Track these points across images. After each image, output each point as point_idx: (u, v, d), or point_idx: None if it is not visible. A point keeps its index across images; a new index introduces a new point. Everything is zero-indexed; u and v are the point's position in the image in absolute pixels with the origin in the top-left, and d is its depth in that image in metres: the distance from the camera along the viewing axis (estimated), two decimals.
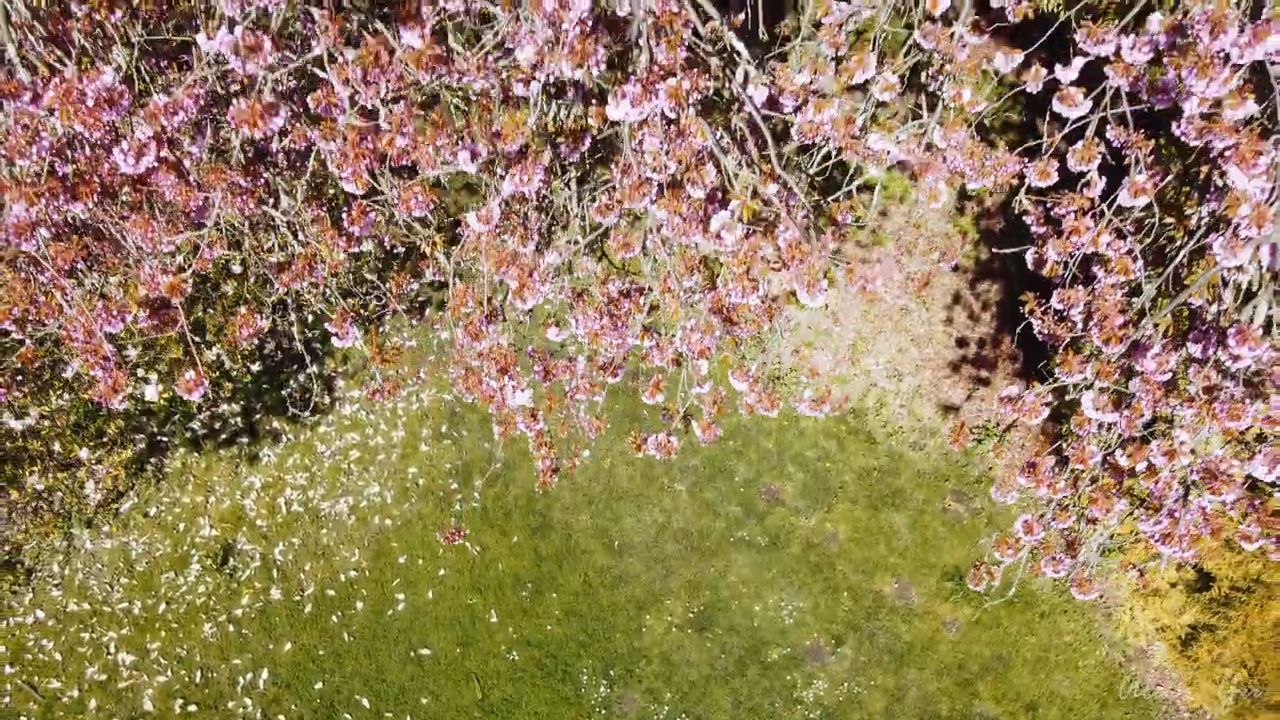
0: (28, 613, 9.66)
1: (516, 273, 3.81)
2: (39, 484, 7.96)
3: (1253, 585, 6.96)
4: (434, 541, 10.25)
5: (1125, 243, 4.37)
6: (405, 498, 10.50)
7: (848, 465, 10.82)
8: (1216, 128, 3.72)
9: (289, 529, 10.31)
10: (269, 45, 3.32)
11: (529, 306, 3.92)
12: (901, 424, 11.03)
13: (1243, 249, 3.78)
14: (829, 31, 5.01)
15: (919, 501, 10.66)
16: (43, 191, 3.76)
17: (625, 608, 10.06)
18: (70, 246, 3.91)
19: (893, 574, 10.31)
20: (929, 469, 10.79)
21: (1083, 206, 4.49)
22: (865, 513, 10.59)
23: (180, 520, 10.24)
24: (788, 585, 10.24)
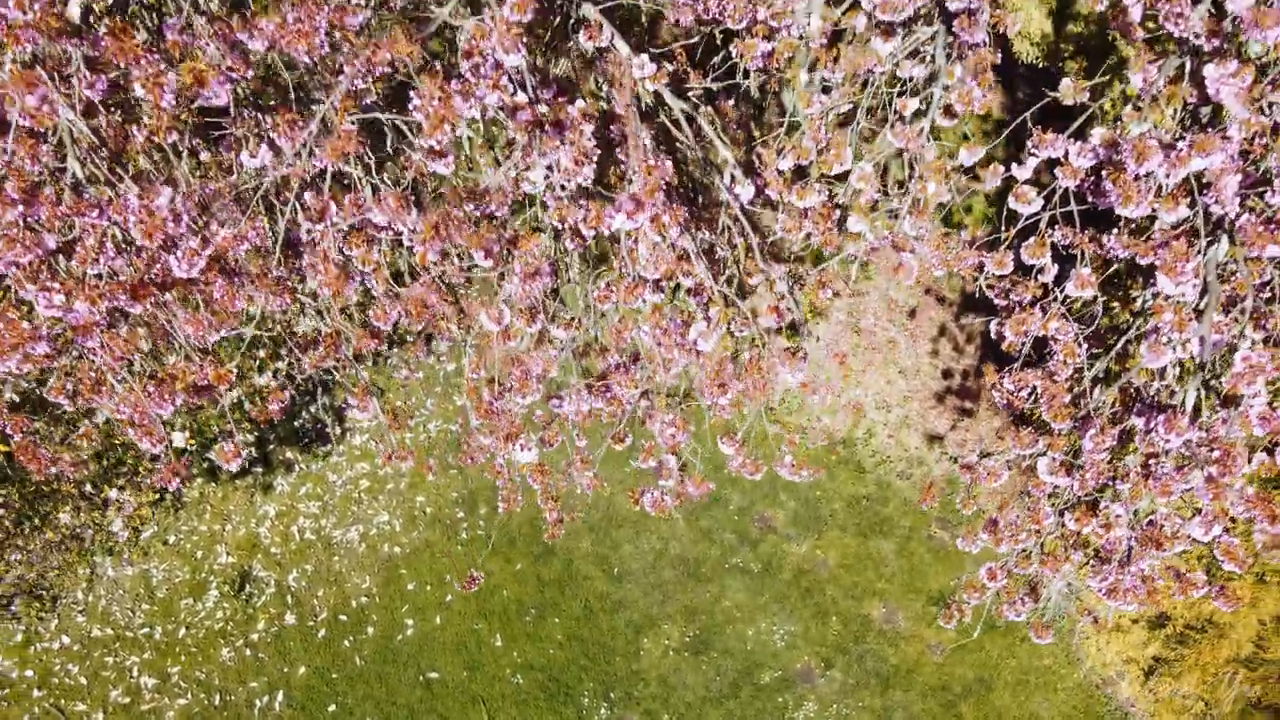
0: (54, 638, 10.13)
1: (519, 376, 4.29)
2: (71, 522, 8.42)
3: (1206, 625, 7.42)
4: (442, 568, 10.72)
5: (1072, 328, 4.85)
6: (413, 526, 10.97)
7: (838, 494, 11.30)
8: (1140, 250, 4.19)
9: (302, 556, 10.78)
10: (334, 208, 3.80)
11: (527, 403, 4.40)
12: (889, 453, 11.50)
13: (1165, 352, 4.25)
14: (810, 124, 5.49)
15: (906, 529, 11.13)
16: (105, 293, 4.25)
17: (624, 632, 10.53)
18: (129, 339, 4.39)
19: (880, 599, 10.78)
20: (915, 498, 11.26)
21: (1034, 295, 4.97)
22: (854, 540, 11.06)
23: (198, 548, 10.71)
24: (780, 610, 10.71)
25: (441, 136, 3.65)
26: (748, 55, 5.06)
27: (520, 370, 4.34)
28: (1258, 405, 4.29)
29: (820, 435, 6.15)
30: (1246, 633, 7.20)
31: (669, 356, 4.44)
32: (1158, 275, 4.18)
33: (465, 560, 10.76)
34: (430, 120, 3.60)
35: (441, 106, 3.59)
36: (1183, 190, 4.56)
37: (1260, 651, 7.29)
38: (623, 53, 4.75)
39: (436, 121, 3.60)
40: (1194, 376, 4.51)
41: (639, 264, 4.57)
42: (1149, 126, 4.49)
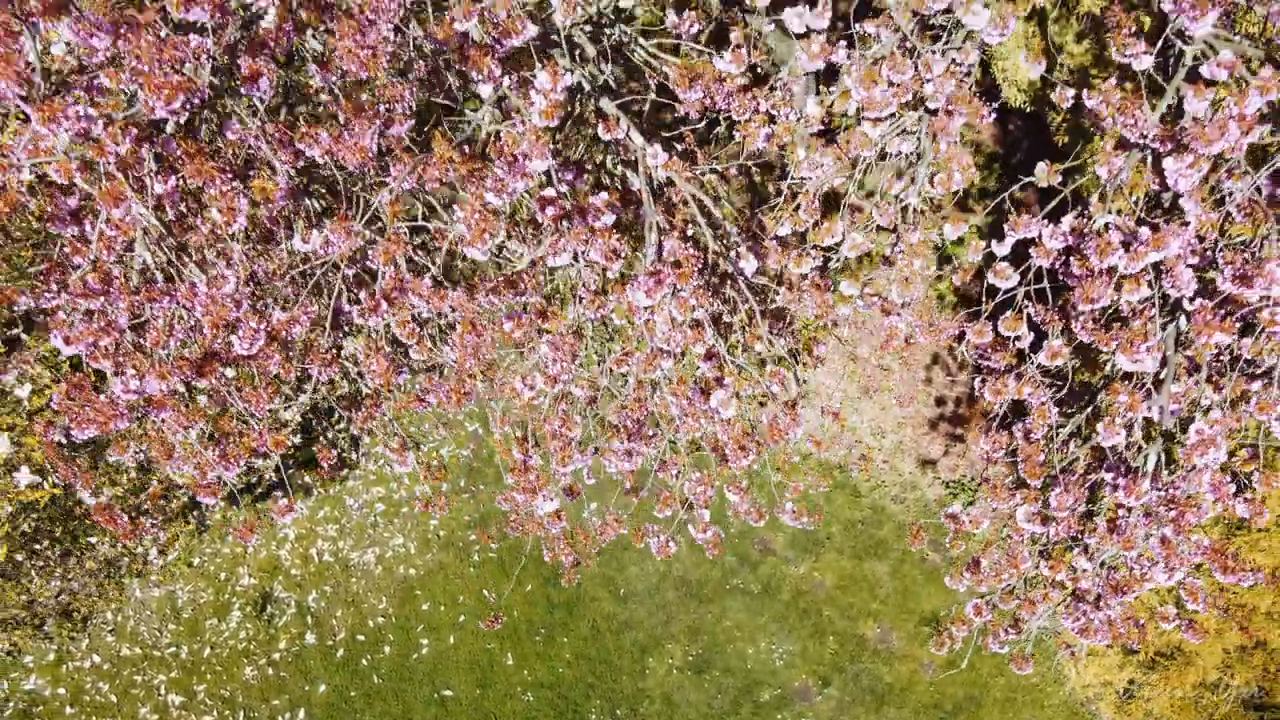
0: (85, 657, 10.59)
1: (560, 446, 4.77)
2: (109, 552, 8.88)
3: (1175, 652, 7.90)
4: (455, 589, 11.19)
5: (1044, 393, 5.32)
6: (427, 548, 11.44)
7: (834, 517, 11.77)
8: (1099, 338, 4.67)
9: (321, 578, 11.25)
10: (385, 305, 4.28)
11: (568, 471, 4.89)
12: (884, 478, 11.97)
13: (1119, 431, 4.72)
14: (806, 197, 5.96)
15: (899, 551, 11.61)
16: (173, 370, 4.72)
17: (630, 651, 11.00)
18: (193, 411, 4.86)
19: (875, 619, 11.25)
20: (909, 521, 11.73)
21: (1010, 363, 5.44)
22: (850, 562, 11.53)
23: (221, 570, 11.18)
24: (779, 630, 11.18)
25: (484, 245, 4.13)
26: (750, 140, 5.54)
27: (561, 442, 4.82)
28: (1209, 473, 4.76)
29: (820, 481, 6.60)
30: (1212, 660, 7.69)
31: (694, 424, 4.92)
32: (1116, 354, 4.66)
33: (478, 582, 11.23)
34: (474, 231, 4.08)
35: (482, 220, 4.07)
36: (1144, 273, 5.04)
37: (1225, 677, 7.78)
38: (637, 143, 5.23)
39: (479, 233, 4.08)
40: (1155, 441, 4.99)
41: (657, 336, 5.05)
42: (1113, 217, 4.97)
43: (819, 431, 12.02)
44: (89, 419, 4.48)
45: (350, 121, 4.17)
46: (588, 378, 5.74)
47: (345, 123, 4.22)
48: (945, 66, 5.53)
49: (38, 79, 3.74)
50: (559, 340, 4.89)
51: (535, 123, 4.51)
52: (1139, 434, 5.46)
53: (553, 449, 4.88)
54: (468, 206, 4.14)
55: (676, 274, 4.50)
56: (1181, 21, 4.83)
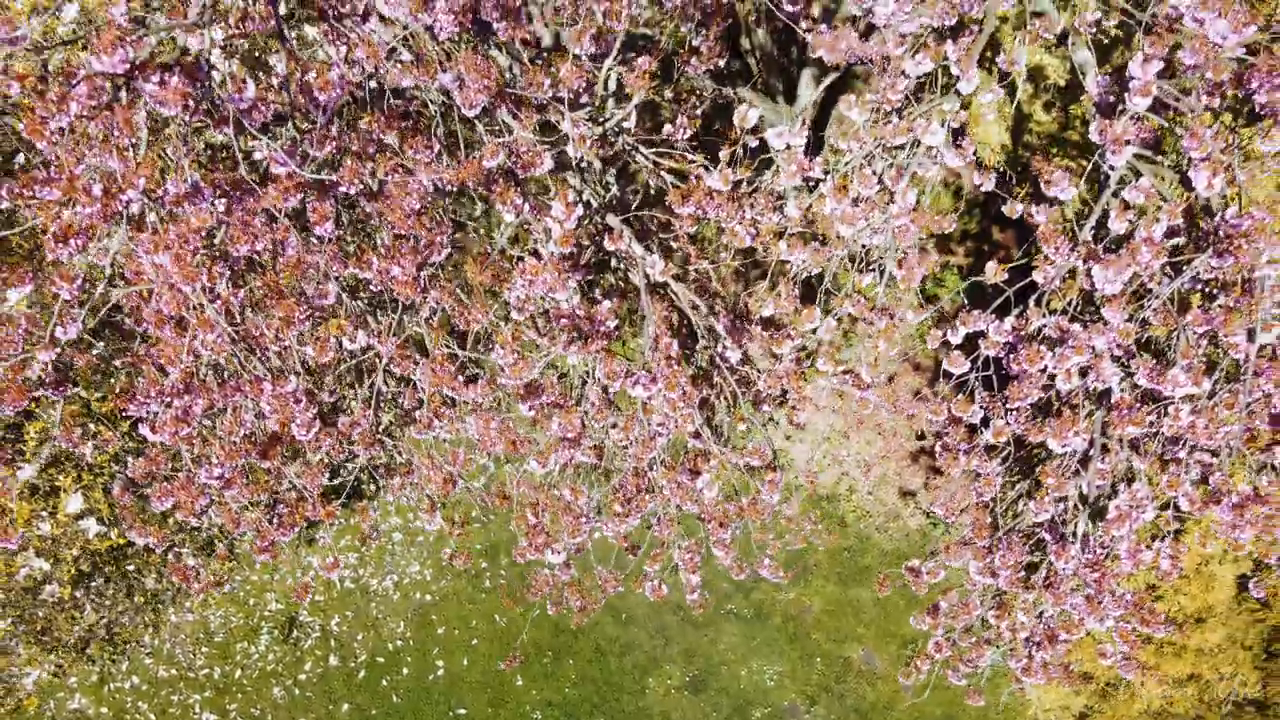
0: (125, 678, 11.40)
1: (571, 522, 5.58)
2: (154, 586, 9.69)
3: (1121, 683, 8.69)
4: (468, 614, 11.99)
5: (991, 464, 6.13)
6: (442, 575, 12.25)
7: (822, 544, 12.57)
8: (1029, 430, 5.48)
9: (343, 603, 12.06)
10: (438, 422, 5.10)
11: (576, 543, 5.70)
12: (869, 509, 12.78)
13: (1047, 508, 5.53)
14: (786, 286, 6.78)
15: (883, 577, 12.40)
16: (242, 452, 5.54)
17: (631, 672, 11.81)
18: (257, 486, 5.68)
19: (860, 642, 12.06)
20: (891, 549, 12.55)
21: (963, 439, 6.24)
22: (837, 588, 12.34)
23: (250, 595, 11.99)
24: (770, 652, 11.99)
25: (522, 377, 4.95)
26: (737, 241, 6.35)
27: (572, 517, 5.63)
28: (1126, 544, 5.57)
29: (798, 539, 7.40)
30: (1155, 690, 8.49)
31: (680, 503, 5.74)
32: (1047, 439, 5.46)
33: (489, 606, 12.04)
34: (512, 368, 4.89)
35: (520, 361, 4.89)
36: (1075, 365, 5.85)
37: (1168, 706, 8.58)
38: (638, 253, 6.05)
39: (517, 370, 4.89)
40: (1083, 512, 5.79)
41: (654, 420, 5.86)
42: (1049, 320, 5.79)
43: (810, 464, 12.84)
44: (171, 494, 5.30)
45: (399, 258, 4.99)
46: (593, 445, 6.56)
47: (393, 257, 5.03)
48: (908, 179, 6.35)
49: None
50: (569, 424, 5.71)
51: (553, 250, 5.33)
52: (1072, 504, 6.27)
53: (565, 523, 5.70)
54: (506, 344, 4.96)
55: (666, 379, 5.31)
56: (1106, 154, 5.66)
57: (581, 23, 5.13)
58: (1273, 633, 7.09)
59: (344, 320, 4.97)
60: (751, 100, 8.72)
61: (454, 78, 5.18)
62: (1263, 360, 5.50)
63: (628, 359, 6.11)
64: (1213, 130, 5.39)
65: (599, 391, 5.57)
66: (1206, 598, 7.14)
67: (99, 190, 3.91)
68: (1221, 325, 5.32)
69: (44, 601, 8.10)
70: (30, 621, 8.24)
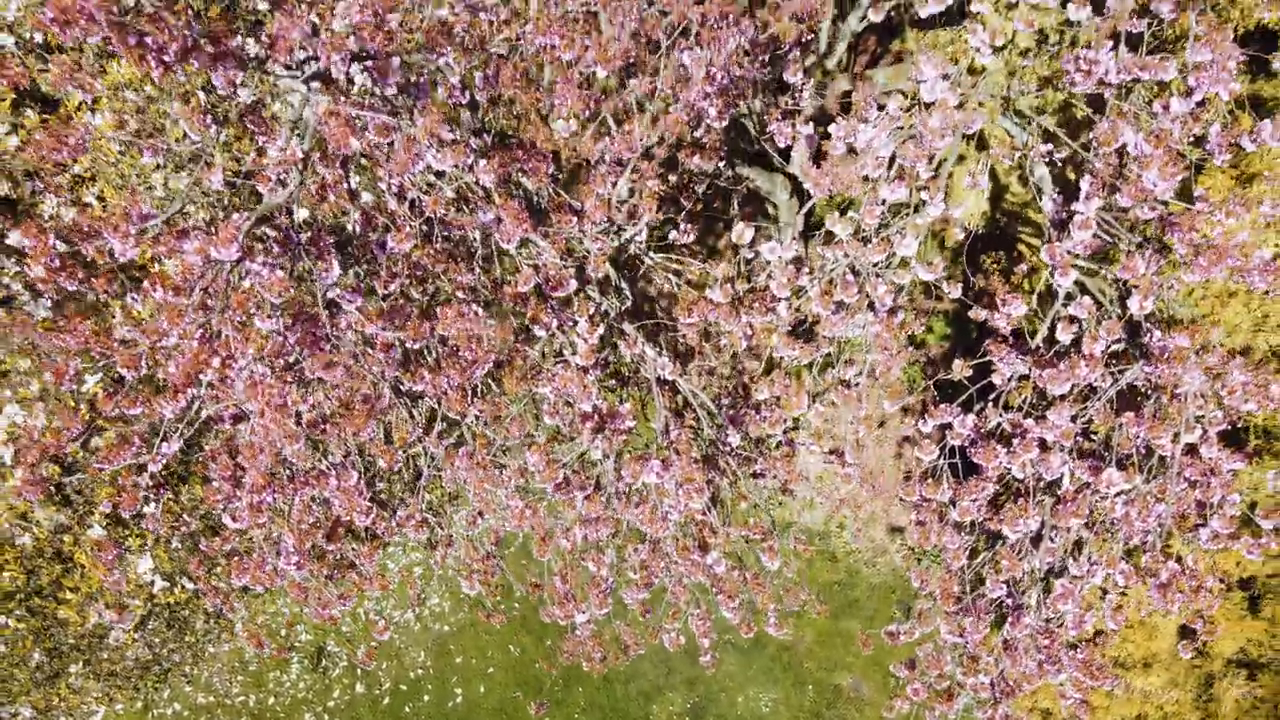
0: (167, 705, 12.27)
1: (598, 595, 6.48)
2: (203, 627, 10.58)
3: None
4: (484, 644, 12.88)
5: (958, 539, 7.01)
6: (459, 608, 13.13)
7: (814, 580, 13.47)
8: (985, 517, 6.39)
9: (368, 634, 12.93)
10: (481, 518, 5.99)
11: (603, 613, 6.60)
12: (858, 545, 13.68)
13: (1001, 585, 6.41)
14: (779, 374, 7.67)
15: (871, 610, 13.31)
16: (310, 533, 6.42)
17: (636, 699, 12.70)
18: (322, 563, 6.57)
19: (849, 671, 12.96)
20: (879, 583, 13.45)
21: (935, 515, 7.13)
22: (828, 620, 13.23)
23: (282, 627, 12.86)
24: (765, 680, 12.89)
25: (551, 481, 5.84)
26: (736, 344, 7.24)
27: (599, 591, 6.53)
28: (1070, 616, 6.46)
29: (794, 601, 8.26)
30: None
31: (693, 575, 6.65)
32: (1002, 526, 6.35)
33: (505, 636, 12.92)
34: (544, 473, 5.79)
35: (549, 467, 5.78)
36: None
37: None
38: (649, 355, 6.94)
39: (548, 476, 5.79)
40: (1036, 585, 6.69)
41: (667, 499, 6.75)
42: (1004, 417, 6.69)
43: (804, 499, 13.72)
44: (247, 572, 6.19)
45: (450, 374, 5.88)
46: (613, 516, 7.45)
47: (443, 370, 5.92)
48: (885, 287, 7.25)
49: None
50: (593, 509, 6.60)
51: (578, 362, 6.23)
52: (1025, 576, 7.18)
53: (592, 596, 6.60)
54: (538, 451, 5.86)
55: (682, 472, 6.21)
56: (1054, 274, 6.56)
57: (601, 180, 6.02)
58: (1208, 678, 7.99)
59: (405, 433, 5.86)
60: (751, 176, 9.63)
61: (494, 218, 6.07)
62: (1186, 458, 6.40)
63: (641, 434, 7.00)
64: (1145, 261, 6.29)
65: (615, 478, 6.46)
66: (1150, 645, 8.03)
67: (218, 363, 4.80)
68: (1150, 430, 6.22)
69: (108, 645, 8.98)
70: (97, 664, 9.11)
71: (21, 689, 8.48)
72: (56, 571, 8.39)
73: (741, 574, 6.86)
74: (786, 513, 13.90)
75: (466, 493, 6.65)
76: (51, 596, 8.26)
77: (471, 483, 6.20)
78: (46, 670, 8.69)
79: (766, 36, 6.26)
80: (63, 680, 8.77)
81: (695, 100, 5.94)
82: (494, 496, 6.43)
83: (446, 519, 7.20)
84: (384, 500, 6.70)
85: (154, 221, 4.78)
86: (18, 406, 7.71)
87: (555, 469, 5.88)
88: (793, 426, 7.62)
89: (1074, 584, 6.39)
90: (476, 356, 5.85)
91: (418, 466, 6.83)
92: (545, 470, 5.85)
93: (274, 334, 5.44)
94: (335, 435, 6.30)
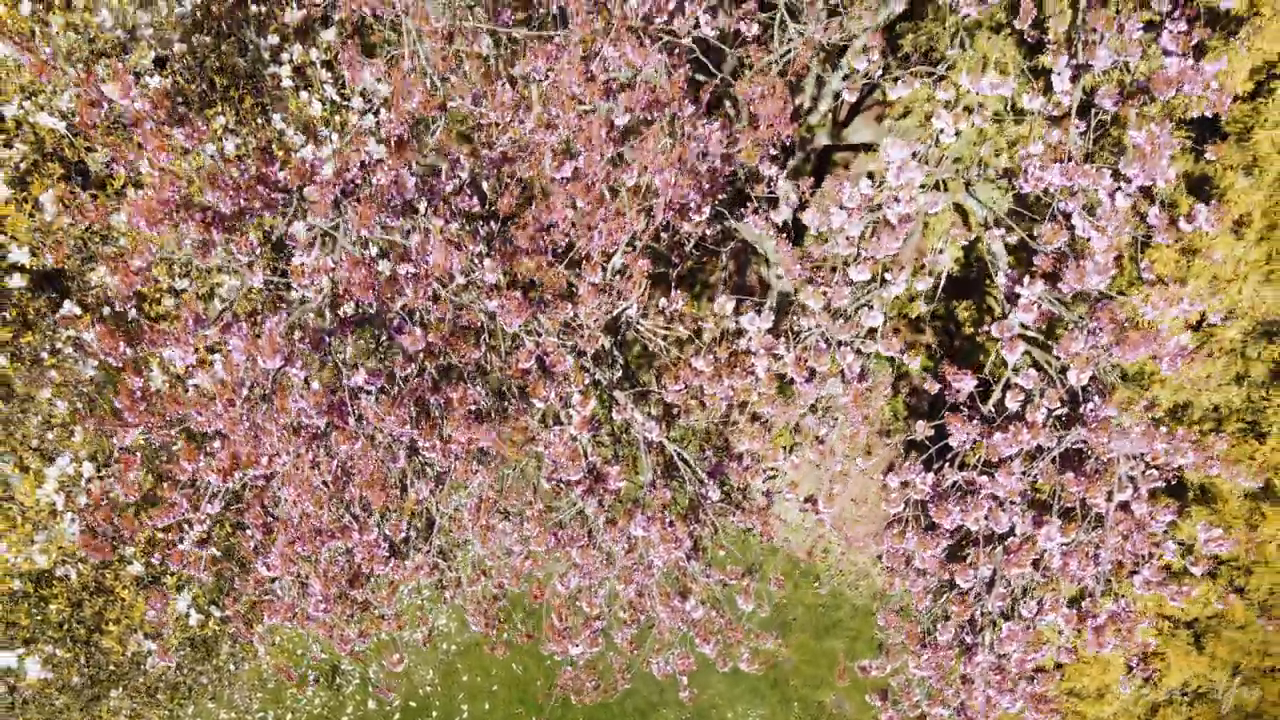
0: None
1: (589, 636, 7.25)
2: (229, 651, 11.36)
3: None
4: (488, 663, 13.65)
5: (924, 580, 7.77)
6: (465, 628, 13.90)
7: (800, 601, 14.23)
8: (940, 569, 7.15)
9: (379, 653, 13.70)
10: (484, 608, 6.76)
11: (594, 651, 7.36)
12: (842, 568, 14.44)
13: (950, 630, 7.17)
14: (761, 431, 8.42)
15: (854, 630, 14.07)
16: (335, 580, 7.19)
17: (632, 714, 13.46)
18: (345, 604, 7.34)
19: (832, 689, 13.71)
20: (862, 605, 14.20)
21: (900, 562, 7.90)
22: (813, 639, 14.00)
23: (298, 646, 13.64)
24: (753, 697, 13.64)
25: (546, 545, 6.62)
26: (718, 406, 8.00)
27: (590, 631, 7.29)
28: (1015, 656, 7.21)
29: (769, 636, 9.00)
30: None
31: (674, 621, 7.42)
32: (955, 577, 7.10)
33: (508, 657, 13.68)
34: (537, 538, 6.56)
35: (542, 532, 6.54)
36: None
37: None
38: (638, 420, 7.70)
39: (542, 540, 6.55)
40: (988, 628, 7.44)
41: (652, 549, 7.51)
42: (959, 474, 7.44)
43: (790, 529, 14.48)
44: (278, 614, 6.96)
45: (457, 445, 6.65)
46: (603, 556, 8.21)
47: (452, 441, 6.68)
48: (853, 356, 8.00)
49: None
50: (587, 559, 7.37)
51: (572, 431, 6.99)
52: (982, 618, 7.93)
53: (584, 635, 7.36)
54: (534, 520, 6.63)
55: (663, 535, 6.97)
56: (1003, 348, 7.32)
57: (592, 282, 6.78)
58: (1154, 706, 8.73)
59: (414, 502, 6.64)
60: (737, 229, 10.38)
61: (499, 305, 6.83)
62: (1120, 513, 7.15)
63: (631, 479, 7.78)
64: (1080, 340, 7.03)
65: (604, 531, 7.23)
66: (1103, 677, 8.76)
67: (265, 460, 5.57)
68: (1086, 490, 6.96)
69: (144, 670, 9.76)
70: (133, 688, 9.89)
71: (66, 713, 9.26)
72: (99, 604, 9.17)
73: (720, 615, 7.62)
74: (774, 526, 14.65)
75: (474, 544, 7.42)
76: (95, 628, 9.04)
77: (476, 535, 6.97)
78: (87, 695, 9.47)
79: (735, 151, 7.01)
80: (104, 704, 9.55)
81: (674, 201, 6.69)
82: (498, 547, 7.19)
83: (456, 562, 7.97)
84: (398, 547, 7.47)
85: (209, 330, 5.55)
86: (69, 457, 8.49)
87: (547, 534, 6.65)
88: (771, 476, 8.38)
89: (1020, 626, 7.15)
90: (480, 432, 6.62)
91: (430, 515, 7.60)
92: (539, 535, 6.63)
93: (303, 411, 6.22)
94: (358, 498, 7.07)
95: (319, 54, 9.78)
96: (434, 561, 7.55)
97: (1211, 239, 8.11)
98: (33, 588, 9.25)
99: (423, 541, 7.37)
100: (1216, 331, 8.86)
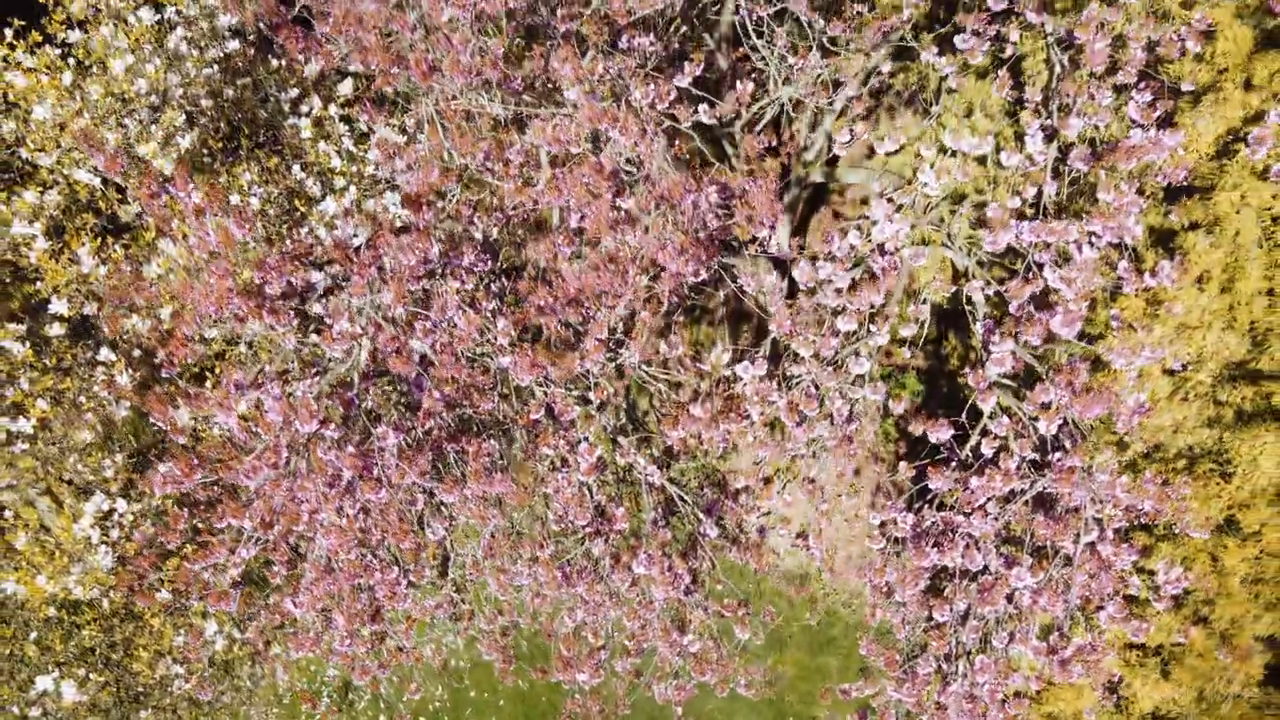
0: None
1: (591, 666, 7.79)
2: (250, 672, 11.90)
3: None
4: (494, 680, 14.18)
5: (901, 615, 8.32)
6: (473, 646, 14.42)
7: (796, 619, 14.78)
8: (918, 602, 7.70)
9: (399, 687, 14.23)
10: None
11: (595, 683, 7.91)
12: (836, 587, 14.98)
13: (929, 661, 7.74)
14: (754, 471, 8.97)
15: (847, 647, 14.61)
16: (358, 616, 7.74)
17: None
18: (367, 638, 7.89)
19: (826, 705, 14.24)
20: (855, 622, 14.74)
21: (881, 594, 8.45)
22: (808, 656, 14.54)
23: (312, 663, 14.18)
24: (750, 711, 14.19)
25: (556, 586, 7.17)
26: (713, 450, 8.55)
27: (592, 660, 7.85)
28: (986, 686, 7.76)
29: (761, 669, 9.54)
30: None
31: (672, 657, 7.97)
32: (932, 610, 7.65)
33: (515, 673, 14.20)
34: (548, 583, 7.12)
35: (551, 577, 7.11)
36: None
37: None
38: (640, 464, 8.25)
39: (553, 584, 7.12)
40: (962, 657, 7.99)
41: (654, 585, 8.06)
42: (939, 517, 7.99)
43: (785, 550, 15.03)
44: (304, 647, 7.52)
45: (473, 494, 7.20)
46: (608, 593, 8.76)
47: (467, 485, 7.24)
48: (841, 400, 8.55)
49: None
50: (593, 594, 7.92)
51: (580, 478, 7.54)
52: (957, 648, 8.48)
53: (587, 667, 7.91)
54: (546, 566, 7.19)
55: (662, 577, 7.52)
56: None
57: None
58: None
59: (434, 550, 7.19)
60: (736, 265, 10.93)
61: (511, 361, 7.39)
62: (1087, 553, 7.70)
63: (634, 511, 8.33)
64: (1051, 392, 7.57)
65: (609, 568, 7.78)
66: (1078, 703, 9.30)
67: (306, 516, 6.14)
68: (1054, 533, 7.51)
69: (171, 692, 10.31)
70: (161, 709, 10.44)
71: None
72: (129, 630, 9.72)
73: (717, 647, 8.17)
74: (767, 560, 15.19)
75: (486, 580, 7.98)
76: (126, 652, 9.60)
77: (491, 575, 7.52)
78: (116, 715, 10.02)
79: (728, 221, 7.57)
80: None
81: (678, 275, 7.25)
82: (510, 585, 7.75)
83: (470, 595, 8.52)
84: (415, 583, 8.02)
85: (248, 393, 6.11)
86: (104, 494, 9.04)
87: (556, 580, 7.22)
88: (765, 513, 8.93)
89: (991, 659, 7.70)
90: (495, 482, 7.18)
91: (446, 552, 8.16)
92: (549, 580, 7.20)
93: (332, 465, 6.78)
94: (380, 538, 7.62)
95: (336, 108, 10.34)
96: (450, 596, 8.11)
97: (1174, 294, 8.66)
98: (66, 615, 9.80)
99: (440, 578, 7.92)
100: (1190, 376, 9.41)
